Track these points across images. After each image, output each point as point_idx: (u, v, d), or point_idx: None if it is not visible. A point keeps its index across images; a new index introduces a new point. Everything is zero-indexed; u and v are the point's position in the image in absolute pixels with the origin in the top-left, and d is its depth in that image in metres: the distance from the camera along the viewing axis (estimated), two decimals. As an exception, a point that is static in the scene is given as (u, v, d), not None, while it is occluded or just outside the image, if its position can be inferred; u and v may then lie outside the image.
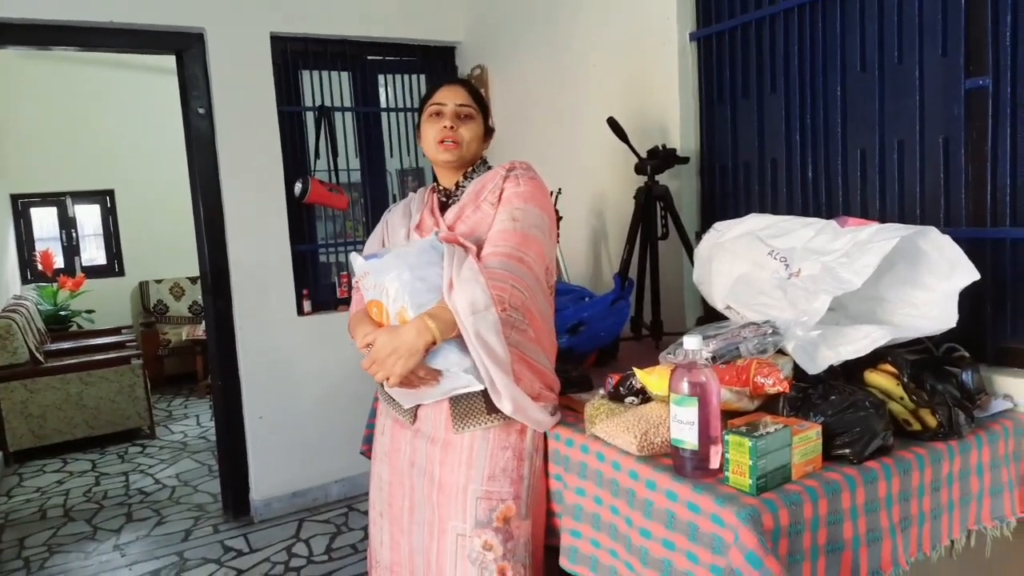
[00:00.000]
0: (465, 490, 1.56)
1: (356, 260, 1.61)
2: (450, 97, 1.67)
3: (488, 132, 1.75)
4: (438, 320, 1.44)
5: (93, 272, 6.53)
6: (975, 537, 1.48)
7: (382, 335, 1.47)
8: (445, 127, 1.64)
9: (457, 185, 1.71)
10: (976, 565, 1.51)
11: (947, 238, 1.48)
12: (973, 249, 1.56)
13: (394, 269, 1.51)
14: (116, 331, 5.81)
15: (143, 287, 6.55)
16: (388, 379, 1.46)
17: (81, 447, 4.62)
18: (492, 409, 1.54)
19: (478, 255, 1.54)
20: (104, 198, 6.53)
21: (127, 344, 5.32)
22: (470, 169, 1.72)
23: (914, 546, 1.35)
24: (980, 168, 1.71)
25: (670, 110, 2.47)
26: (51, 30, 2.93)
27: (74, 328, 5.97)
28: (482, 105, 1.73)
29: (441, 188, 1.74)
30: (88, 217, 6.62)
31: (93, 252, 6.70)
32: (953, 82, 1.73)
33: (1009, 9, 1.61)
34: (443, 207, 1.72)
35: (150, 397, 4.82)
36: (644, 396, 1.54)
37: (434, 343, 1.44)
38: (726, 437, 1.22)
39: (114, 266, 6.64)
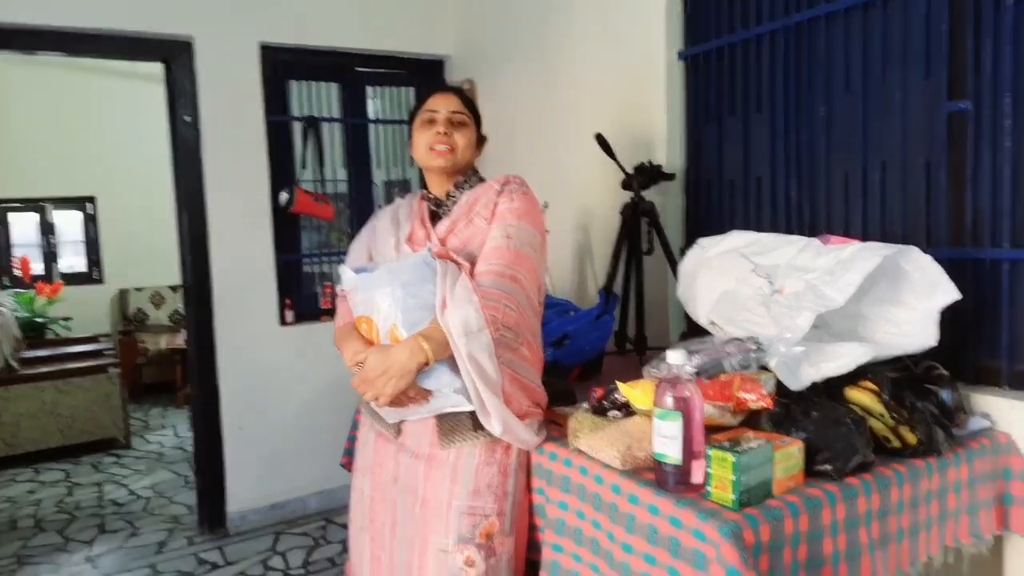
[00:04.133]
0: (449, 505, 1.53)
1: (346, 273, 1.58)
2: (443, 104, 1.67)
3: (480, 140, 1.74)
4: (432, 341, 1.43)
5: (72, 279, 6.44)
6: (953, 554, 1.49)
7: (373, 354, 1.45)
8: (439, 133, 1.64)
9: (448, 194, 1.69)
10: (954, 583, 1.51)
11: (928, 258, 1.50)
12: (953, 269, 1.57)
13: (386, 285, 1.48)
14: (94, 339, 5.71)
15: (123, 295, 6.47)
16: (377, 399, 1.45)
17: (54, 456, 4.53)
18: (479, 425, 1.52)
19: (471, 271, 1.53)
20: (85, 204, 6.47)
21: (105, 352, 5.23)
22: (462, 179, 1.70)
23: (892, 563, 1.36)
24: (961, 190, 1.74)
25: (657, 127, 2.49)
26: (38, 35, 2.91)
27: (51, 335, 5.88)
28: (475, 113, 1.72)
29: (431, 196, 1.71)
30: (68, 223, 6.54)
31: (72, 259, 6.61)
32: (935, 105, 1.76)
33: (991, 35, 1.65)
34: (433, 216, 1.70)
35: (127, 406, 4.75)
36: (628, 410, 1.54)
37: (427, 364, 1.43)
38: (709, 452, 1.22)
39: (92, 273, 6.56)
